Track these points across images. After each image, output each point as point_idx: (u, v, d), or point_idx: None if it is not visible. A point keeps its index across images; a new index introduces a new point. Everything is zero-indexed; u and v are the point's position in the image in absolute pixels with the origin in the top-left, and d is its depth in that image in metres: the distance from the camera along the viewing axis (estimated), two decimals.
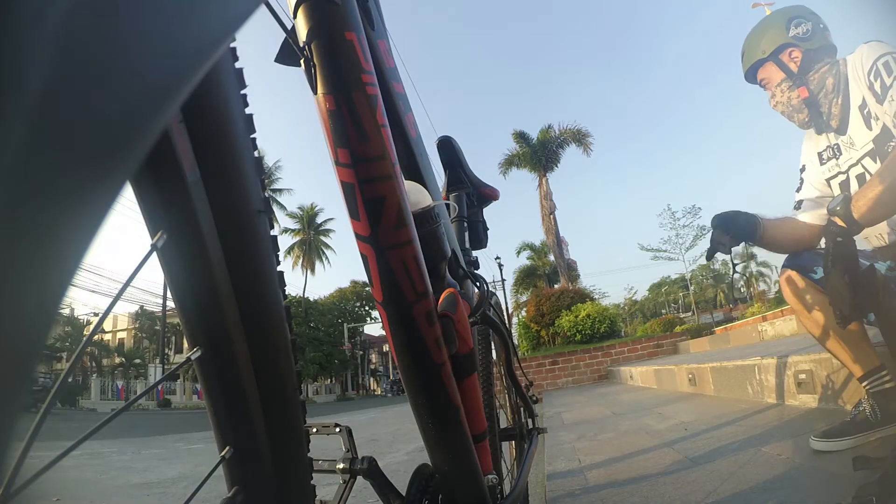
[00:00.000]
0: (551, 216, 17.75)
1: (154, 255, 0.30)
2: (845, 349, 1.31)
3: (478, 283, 0.79)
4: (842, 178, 1.38)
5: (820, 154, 1.42)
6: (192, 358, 0.34)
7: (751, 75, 1.43)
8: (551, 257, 21.11)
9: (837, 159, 1.37)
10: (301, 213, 32.29)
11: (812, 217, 1.44)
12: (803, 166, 1.49)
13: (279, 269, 0.38)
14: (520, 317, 16.02)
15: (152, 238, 0.30)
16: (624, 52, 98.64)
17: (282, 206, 30.98)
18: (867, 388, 1.30)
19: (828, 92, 1.31)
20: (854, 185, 1.34)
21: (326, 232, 32.69)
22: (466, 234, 1.03)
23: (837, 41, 1.36)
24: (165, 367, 22.73)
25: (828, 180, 1.41)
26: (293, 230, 32.08)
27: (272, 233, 0.37)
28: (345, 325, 31.36)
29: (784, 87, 1.36)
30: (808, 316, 1.36)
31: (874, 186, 1.10)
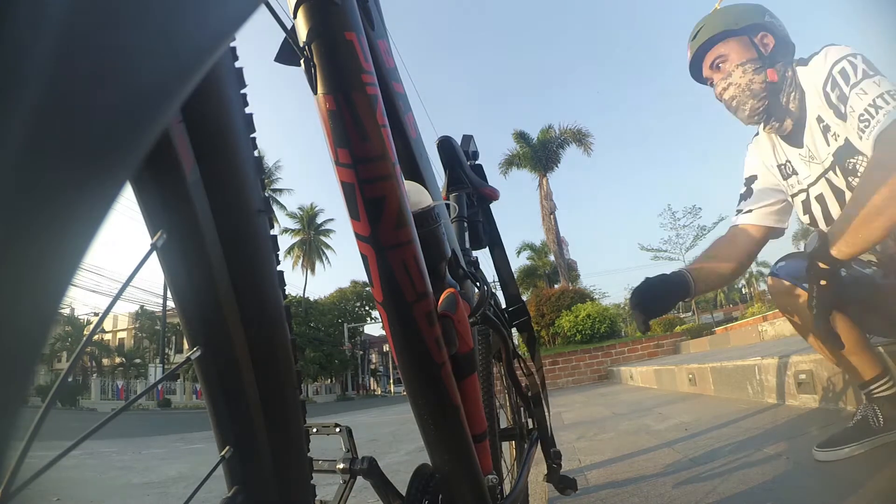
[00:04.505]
0: (551, 216, 17.78)
1: (154, 255, 0.30)
2: (843, 356, 1.29)
3: (478, 283, 0.79)
4: (803, 196, 1.33)
5: (780, 167, 1.38)
6: (192, 358, 0.34)
7: (705, 49, 1.32)
8: (551, 257, 21.13)
9: (797, 175, 1.33)
10: (301, 213, 32.32)
11: (762, 219, 1.42)
12: (753, 176, 1.44)
13: (279, 269, 0.38)
14: None
15: (152, 238, 0.30)
16: (625, 53, 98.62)
17: (282, 206, 31.03)
18: (870, 394, 1.28)
19: (788, 88, 1.25)
20: (815, 206, 1.30)
21: (326, 232, 32.72)
22: (466, 234, 1.03)
23: (837, 39, 1.34)
24: (165, 367, 22.73)
25: (792, 196, 1.38)
26: (293, 230, 32.10)
27: (272, 233, 0.37)
28: (345, 325, 31.36)
29: (748, 68, 1.26)
30: (803, 325, 1.32)
31: (848, 220, 1.04)
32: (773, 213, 1.43)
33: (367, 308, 32.76)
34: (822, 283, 1.06)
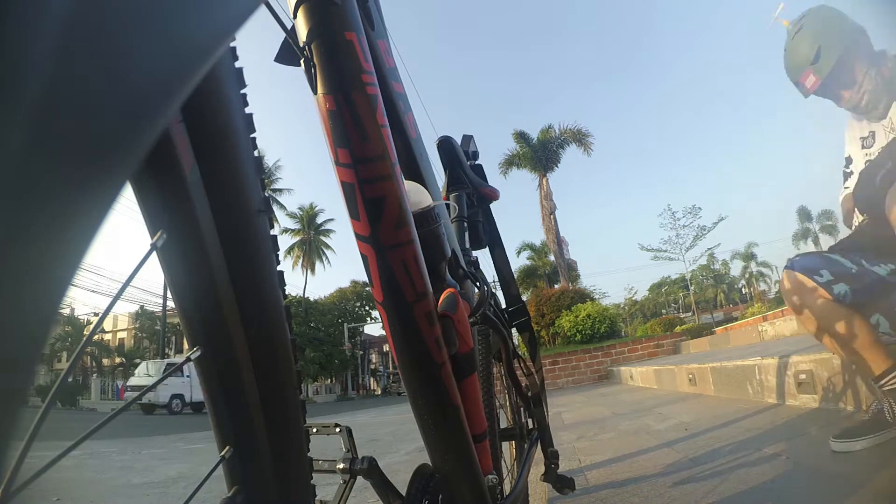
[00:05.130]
0: (551, 216, 17.76)
1: (154, 255, 0.30)
2: (854, 351, 1.30)
3: (478, 283, 0.79)
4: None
5: (864, 139, 1.45)
6: (192, 358, 0.34)
7: (837, 71, 1.36)
8: (551, 257, 21.13)
9: (876, 144, 1.40)
10: (301, 213, 32.31)
11: None
12: (849, 157, 1.51)
13: (279, 269, 0.38)
14: None
15: (152, 238, 0.30)
16: (627, 53, 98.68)
17: (282, 206, 31.02)
18: (883, 387, 1.29)
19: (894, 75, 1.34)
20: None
21: (326, 232, 32.71)
22: (466, 234, 1.03)
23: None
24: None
25: (866, 163, 1.44)
26: (293, 230, 32.09)
27: (272, 233, 0.37)
28: (345, 325, 31.35)
29: (871, 74, 1.35)
30: (812, 319, 1.35)
31: None
32: None
33: (367, 308, 32.74)
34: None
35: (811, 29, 1.39)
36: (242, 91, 0.35)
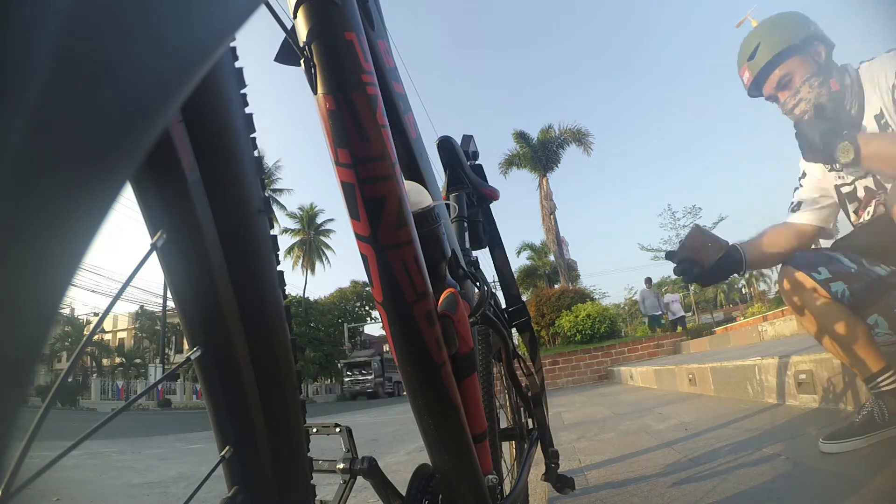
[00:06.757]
0: (551, 216, 17.76)
1: (154, 254, 0.30)
2: (849, 351, 1.30)
3: (478, 283, 0.79)
4: (848, 188, 1.36)
5: None
6: (192, 358, 0.34)
7: (769, 70, 1.33)
8: (551, 257, 21.12)
9: (847, 168, 1.34)
10: (301, 213, 32.33)
11: (809, 218, 1.44)
12: (803, 173, 1.47)
13: (279, 269, 0.38)
14: None
15: (152, 238, 0.30)
16: (626, 54, 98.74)
17: (282, 206, 31.04)
18: (872, 389, 1.29)
19: (850, 95, 1.27)
20: (861, 195, 1.33)
21: (326, 232, 32.73)
22: (466, 234, 1.03)
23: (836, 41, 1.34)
24: (165, 367, 22.72)
25: (837, 187, 1.39)
26: (293, 230, 32.11)
27: (272, 233, 0.37)
28: (345, 325, 31.36)
29: (814, 82, 1.28)
30: (809, 317, 1.35)
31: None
32: (821, 212, 1.44)
33: (367, 308, 32.75)
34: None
35: (760, 27, 1.36)
36: (242, 91, 0.35)
